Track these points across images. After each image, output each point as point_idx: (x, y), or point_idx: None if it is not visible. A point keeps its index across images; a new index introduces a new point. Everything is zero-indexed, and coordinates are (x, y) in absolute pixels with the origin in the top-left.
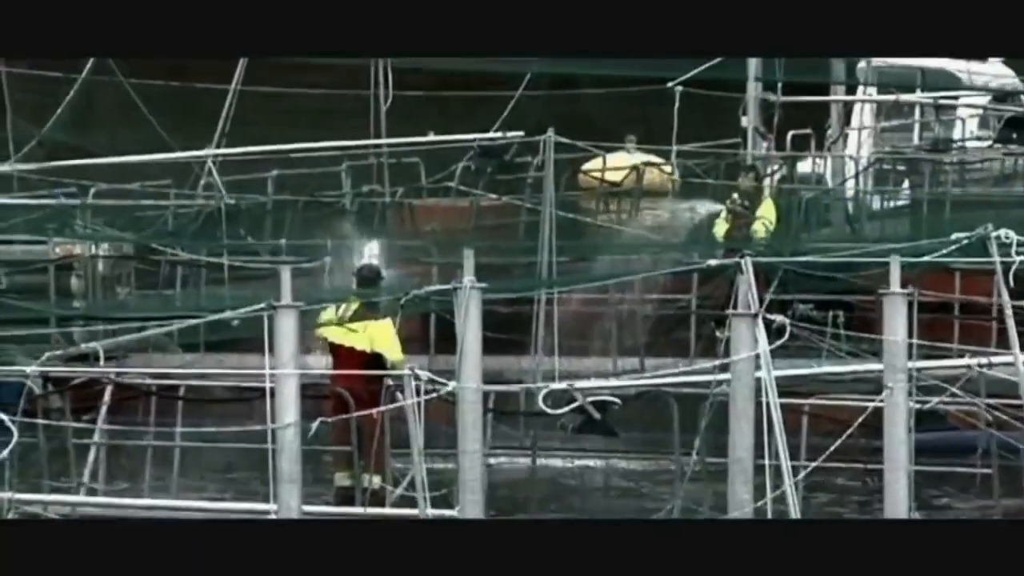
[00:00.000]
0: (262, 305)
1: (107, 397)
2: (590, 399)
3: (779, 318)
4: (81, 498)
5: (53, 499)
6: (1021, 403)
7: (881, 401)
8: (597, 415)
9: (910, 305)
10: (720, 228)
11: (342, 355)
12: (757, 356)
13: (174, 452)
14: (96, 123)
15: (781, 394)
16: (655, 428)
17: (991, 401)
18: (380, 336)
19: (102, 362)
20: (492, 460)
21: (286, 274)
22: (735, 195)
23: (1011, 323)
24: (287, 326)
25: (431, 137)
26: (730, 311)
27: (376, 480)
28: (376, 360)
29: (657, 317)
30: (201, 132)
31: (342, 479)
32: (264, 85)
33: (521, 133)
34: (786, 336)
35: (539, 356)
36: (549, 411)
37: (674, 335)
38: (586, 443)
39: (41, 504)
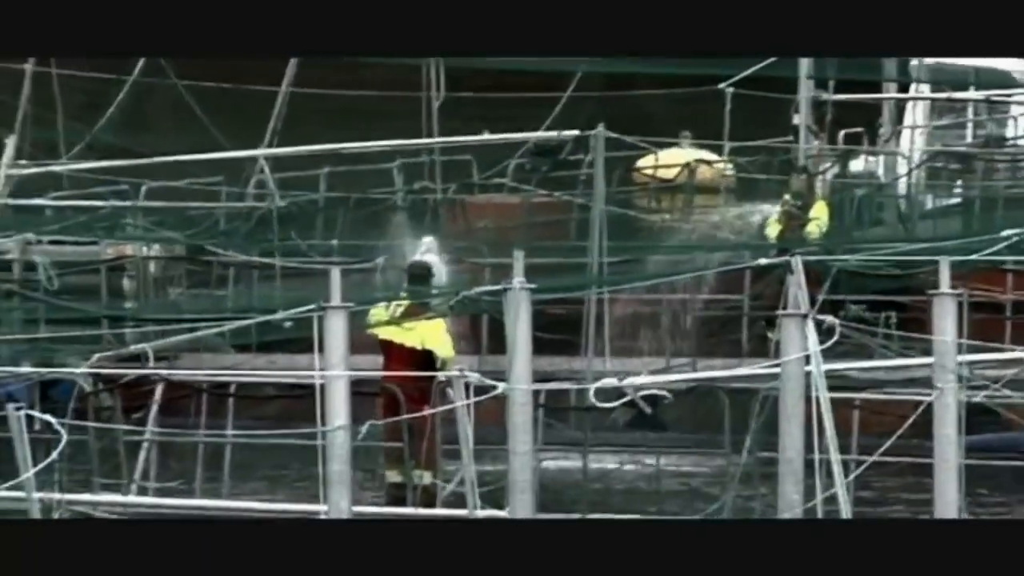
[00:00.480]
0: (312, 306)
1: (158, 396)
2: (640, 394)
3: (829, 319)
4: (131, 498)
5: (103, 499)
6: None
7: (931, 395)
8: (648, 410)
9: (960, 305)
10: (773, 229)
11: (393, 352)
12: (808, 357)
13: (225, 452)
14: (146, 125)
15: (831, 392)
16: (706, 428)
17: None
18: (431, 334)
19: (151, 363)
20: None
21: (336, 274)
22: (787, 196)
23: None
24: (337, 326)
25: (485, 136)
26: (780, 311)
27: (427, 476)
28: (427, 357)
29: (709, 317)
30: (252, 133)
31: (393, 476)
32: (315, 85)
33: (575, 132)
34: (836, 337)
35: (590, 356)
36: (599, 405)
37: (725, 335)
38: (637, 441)
39: (91, 504)
